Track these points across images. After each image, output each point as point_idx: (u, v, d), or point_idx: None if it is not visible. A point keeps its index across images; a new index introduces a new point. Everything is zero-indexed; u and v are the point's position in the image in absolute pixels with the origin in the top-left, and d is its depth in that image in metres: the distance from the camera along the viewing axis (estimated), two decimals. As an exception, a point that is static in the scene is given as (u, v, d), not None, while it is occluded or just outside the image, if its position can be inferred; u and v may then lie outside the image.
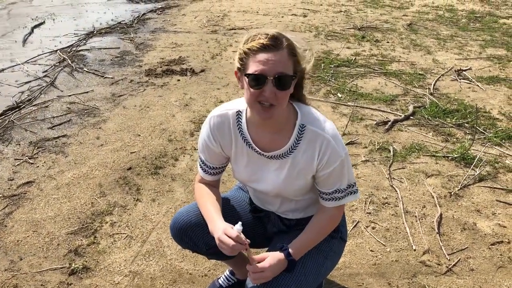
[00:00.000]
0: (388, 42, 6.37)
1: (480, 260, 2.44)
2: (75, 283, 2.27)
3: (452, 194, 2.97)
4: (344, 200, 1.66)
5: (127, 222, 2.70)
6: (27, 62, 5.51)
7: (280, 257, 1.59)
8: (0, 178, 3.13)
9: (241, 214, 1.90)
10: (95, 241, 2.54)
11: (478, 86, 4.83)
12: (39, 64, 5.44)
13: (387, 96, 4.50)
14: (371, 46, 6.17)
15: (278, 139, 1.60)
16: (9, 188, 3.03)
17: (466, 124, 3.93)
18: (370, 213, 2.79)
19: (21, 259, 2.42)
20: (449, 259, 2.43)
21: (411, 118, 4.05)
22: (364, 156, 3.41)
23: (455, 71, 5.18)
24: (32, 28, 7.11)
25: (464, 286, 2.27)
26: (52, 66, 5.34)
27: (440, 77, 5.04)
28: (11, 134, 3.76)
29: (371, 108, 4.25)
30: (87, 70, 5.20)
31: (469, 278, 2.31)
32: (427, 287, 2.25)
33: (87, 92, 4.61)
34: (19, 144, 3.60)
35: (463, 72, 5.17)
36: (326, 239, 1.72)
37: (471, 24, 7.59)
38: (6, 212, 2.80)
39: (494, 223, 2.72)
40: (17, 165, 3.30)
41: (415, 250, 2.49)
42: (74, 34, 6.76)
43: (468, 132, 3.81)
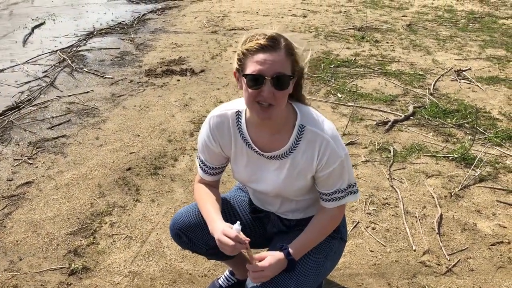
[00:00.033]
0: (387, 43, 6.37)
1: (480, 261, 2.44)
2: (75, 283, 2.27)
3: (452, 194, 2.97)
4: (344, 200, 1.66)
5: (127, 222, 2.70)
6: (27, 62, 5.51)
7: (280, 256, 1.58)
8: (-1, 179, 3.14)
9: (241, 214, 1.89)
10: (94, 241, 2.54)
11: (478, 86, 4.83)
12: (39, 64, 5.44)
13: (387, 96, 4.49)
14: (371, 46, 6.17)
15: (278, 140, 1.60)
16: (8, 189, 3.03)
17: (466, 125, 3.93)
18: (370, 213, 2.79)
19: (20, 259, 2.42)
20: (449, 260, 2.43)
21: (411, 118, 4.05)
22: (364, 157, 3.41)
23: (455, 71, 5.18)
24: (33, 29, 7.11)
25: (464, 286, 2.27)
26: (52, 66, 5.34)
27: (440, 77, 5.03)
28: (10, 134, 3.76)
29: (371, 108, 4.25)
30: (87, 70, 5.20)
31: (469, 279, 2.31)
32: (427, 287, 2.25)
33: (87, 92, 4.61)
34: (18, 144, 3.60)
35: (463, 72, 5.16)
36: (326, 239, 1.72)
37: (471, 24, 7.59)
38: (5, 212, 2.80)
39: (494, 223, 2.72)
40: (16, 165, 3.30)
41: (415, 251, 2.49)
42: (74, 35, 6.76)
43: (468, 132, 3.81)
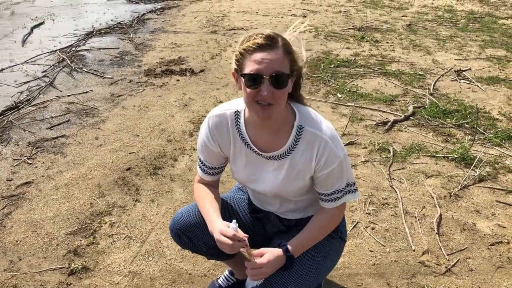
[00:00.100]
0: (387, 43, 6.37)
1: (479, 261, 2.44)
2: (75, 283, 2.27)
3: (452, 194, 2.97)
4: (342, 199, 1.66)
5: (126, 222, 2.70)
6: (26, 62, 5.51)
7: (278, 253, 1.59)
8: (-1, 178, 3.14)
9: (240, 214, 1.89)
10: (94, 241, 2.54)
11: (478, 86, 4.83)
12: (38, 64, 5.44)
13: (387, 97, 4.49)
14: (371, 46, 6.17)
15: (276, 140, 1.60)
16: (7, 189, 3.03)
17: (466, 125, 3.93)
18: (369, 213, 2.79)
19: (20, 259, 2.42)
20: (448, 260, 2.43)
21: (411, 118, 4.05)
22: (363, 157, 3.41)
23: (455, 71, 5.17)
24: (32, 28, 7.11)
25: (463, 286, 2.27)
26: (51, 66, 5.34)
27: (439, 77, 5.03)
28: (9, 134, 3.76)
29: (371, 109, 4.25)
30: (86, 70, 5.20)
31: (468, 279, 2.31)
32: (426, 287, 2.25)
33: (86, 92, 4.61)
34: (18, 145, 3.59)
35: (463, 72, 5.16)
36: (325, 239, 1.72)
37: (471, 24, 7.59)
38: (5, 212, 2.80)
39: (494, 223, 2.72)
40: (15, 165, 3.30)
41: (414, 251, 2.49)
42: (74, 34, 6.76)
43: (468, 132, 3.81)
